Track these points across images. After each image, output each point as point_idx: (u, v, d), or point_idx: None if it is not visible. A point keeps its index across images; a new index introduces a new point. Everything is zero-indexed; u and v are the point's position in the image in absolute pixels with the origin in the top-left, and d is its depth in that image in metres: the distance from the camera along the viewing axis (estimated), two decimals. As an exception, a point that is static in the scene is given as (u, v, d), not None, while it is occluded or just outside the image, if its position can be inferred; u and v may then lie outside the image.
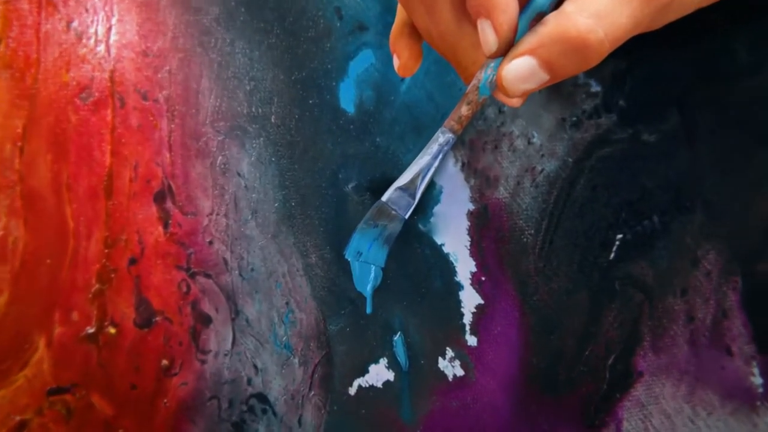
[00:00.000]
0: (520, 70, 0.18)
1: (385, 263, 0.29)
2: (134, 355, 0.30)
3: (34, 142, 0.30)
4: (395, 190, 0.25)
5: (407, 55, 0.23)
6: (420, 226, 0.31)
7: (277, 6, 0.30)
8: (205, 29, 0.30)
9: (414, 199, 0.25)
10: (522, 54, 0.18)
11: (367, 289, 0.31)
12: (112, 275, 0.30)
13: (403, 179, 0.25)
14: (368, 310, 0.31)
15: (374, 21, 0.30)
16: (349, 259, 0.30)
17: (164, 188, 0.31)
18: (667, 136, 0.28)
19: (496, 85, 0.20)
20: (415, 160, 0.24)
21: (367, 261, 0.28)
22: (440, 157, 0.24)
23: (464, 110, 0.22)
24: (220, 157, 0.31)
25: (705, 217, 0.28)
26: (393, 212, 0.25)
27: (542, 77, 0.19)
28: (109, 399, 0.30)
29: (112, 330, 0.30)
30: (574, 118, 0.29)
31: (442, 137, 0.23)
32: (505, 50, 0.19)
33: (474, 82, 0.21)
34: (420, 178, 0.24)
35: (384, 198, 0.25)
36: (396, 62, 0.24)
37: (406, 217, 0.26)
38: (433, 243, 0.31)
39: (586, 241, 0.29)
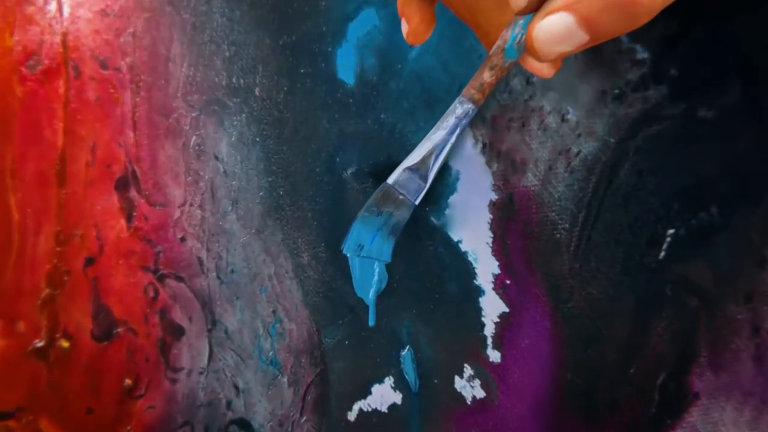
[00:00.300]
0: (555, 29, 0.18)
1: (391, 259, 0.29)
2: (91, 373, 0.30)
3: (-28, 119, 0.29)
4: (404, 171, 0.25)
5: (418, 20, 0.23)
6: (433, 219, 0.31)
7: (262, -43, 0.30)
8: (176, -16, 0.30)
9: (426, 181, 0.25)
10: (557, 9, 0.18)
11: (370, 295, 0.31)
12: (66, 278, 0.30)
13: (412, 158, 0.25)
14: (371, 321, 0.31)
15: (378, -25, 0.31)
16: (347, 255, 0.30)
17: (127, 174, 0.31)
18: (727, 112, 0.28)
19: (525, 47, 0.21)
20: (428, 135, 0.24)
21: (369, 255, 0.27)
22: (457, 131, 0.24)
23: (487, 76, 0.22)
24: (194, 137, 0.31)
25: (773, 209, 0.28)
26: (400, 197, 0.25)
27: (580, 38, 0.18)
28: (60, 425, 0.30)
29: (65, 343, 0.30)
30: (617, 91, 0.29)
31: (460, 108, 0.23)
32: (537, 5, 0.19)
33: (499, 42, 0.21)
34: (433, 156, 0.24)
35: (390, 180, 0.26)
36: (404, 27, 0.23)
37: (417, 202, 0.26)
38: (449, 239, 0.31)
39: (631, 237, 0.29)
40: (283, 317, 0.30)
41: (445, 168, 0.31)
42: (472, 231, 0.31)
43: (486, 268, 0.31)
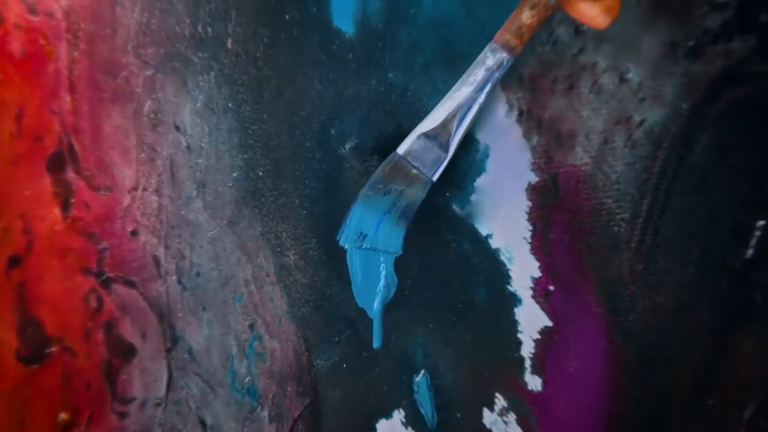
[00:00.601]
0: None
1: (402, 251, 0.28)
2: (17, 403, 0.30)
3: None
4: (418, 138, 0.25)
5: None
6: (455, 207, 0.30)
7: None
8: None
9: (446, 151, 0.25)
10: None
11: (375, 305, 0.30)
12: (-17, 283, 0.30)
13: (430, 122, 0.25)
14: (376, 340, 0.30)
15: None
16: (345, 247, 0.29)
17: (63, 149, 0.30)
18: (835, 69, 0.28)
19: None
20: (450, 93, 0.24)
21: (374, 247, 0.27)
22: (488, 88, 0.23)
23: (526, 17, 0.22)
24: (148, 102, 0.30)
25: None
26: (414, 171, 0.25)
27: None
28: (-22, 471, 0.30)
29: (-17, 366, 0.30)
30: (692, 43, 0.28)
31: (491, 58, 0.23)
32: None
33: (543, -27, 0.21)
34: (456, 120, 0.24)
35: (401, 150, 0.26)
36: None
37: (434, 178, 0.25)
38: (475, 234, 0.30)
39: (708, 231, 0.29)
40: (262, 333, 0.30)
41: (470, 141, 0.30)
42: (505, 223, 0.30)
43: (523, 270, 0.30)
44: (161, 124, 0.31)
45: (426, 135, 0.25)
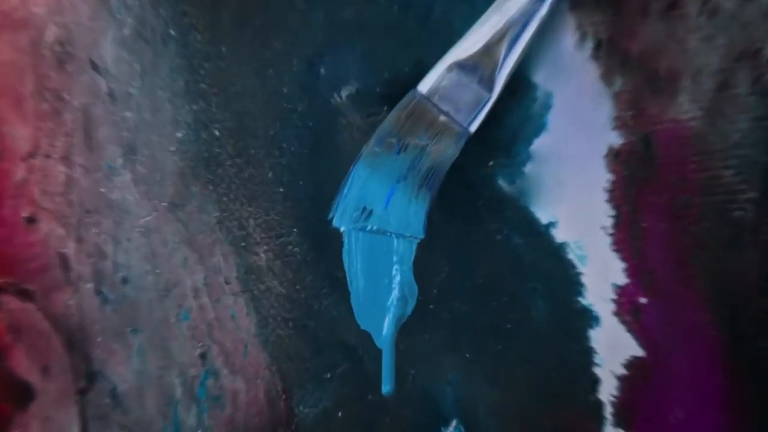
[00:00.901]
0: None
1: (425, 235, 0.27)
2: None
3: None
4: (449, 70, 0.24)
5: None
6: (502, 182, 0.29)
7: None
8: None
9: (490, 90, 0.24)
10: None
11: (384, 326, 0.29)
12: None
13: (466, 46, 0.24)
14: (386, 382, 0.29)
15: None
16: (341, 229, 0.29)
17: None
18: None
19: None
20: (496, 3, 0.24)
21: (384, 229, 0.27)
22: (549, 1, 0.23)
23: None
24: (53, 29, 0.28)
25: None
26: (442, 118, 0.25)
27: None
28: None
29: None
30: None
31: None
32: None
33: None
34: (505, 44, 0.23)
35: (423, 87, 0.25)
36: None
37: (472, 129, 0.25)
38: (532, 221, 0.29)
39: None
40: (219, 367, 0.29)
41: (525, 84, 0.28)
42: (575, 205, 0.29)
43: (602, 274, 0.29)
44: (71, 61, 0.29)
45: (460, 66, 0.24)
